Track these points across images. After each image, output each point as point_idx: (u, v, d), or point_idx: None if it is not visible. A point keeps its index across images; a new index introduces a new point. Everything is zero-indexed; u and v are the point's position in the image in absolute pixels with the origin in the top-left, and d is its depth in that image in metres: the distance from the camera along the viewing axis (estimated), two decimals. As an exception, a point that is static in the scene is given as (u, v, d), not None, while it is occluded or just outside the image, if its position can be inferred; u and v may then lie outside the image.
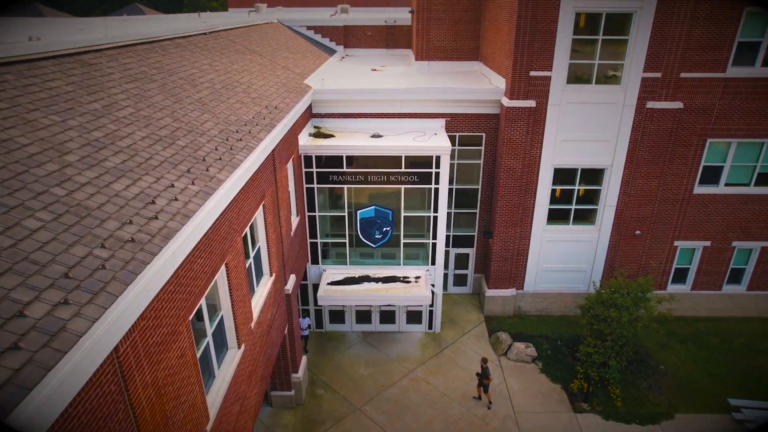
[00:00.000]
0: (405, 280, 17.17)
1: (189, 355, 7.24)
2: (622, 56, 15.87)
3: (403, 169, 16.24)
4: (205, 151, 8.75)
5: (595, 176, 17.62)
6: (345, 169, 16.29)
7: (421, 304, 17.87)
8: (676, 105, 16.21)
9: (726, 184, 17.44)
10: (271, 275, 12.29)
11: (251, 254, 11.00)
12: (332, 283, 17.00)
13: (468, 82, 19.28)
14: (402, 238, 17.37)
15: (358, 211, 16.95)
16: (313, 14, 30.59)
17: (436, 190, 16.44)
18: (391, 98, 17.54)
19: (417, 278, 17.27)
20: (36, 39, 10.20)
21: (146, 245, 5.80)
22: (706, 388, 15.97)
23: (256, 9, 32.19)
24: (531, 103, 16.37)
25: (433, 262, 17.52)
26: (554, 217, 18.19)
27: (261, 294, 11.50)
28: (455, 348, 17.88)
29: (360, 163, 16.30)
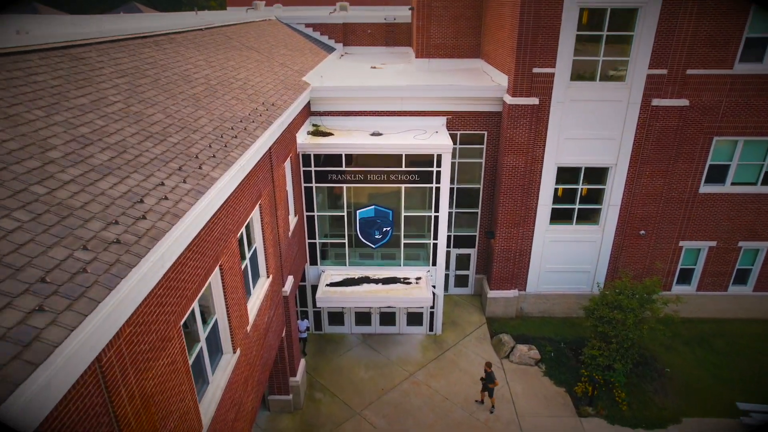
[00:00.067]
0: (405, 281, 16.83)
1: (180, 362, 6.90)
2: (627, 52, 15.54)
3: (403, 168, 15.89)
4: (198, 148, 8.41)
5: (598, 175, 17.28)
6: (344, 168, 15.95)
7: (421, 306, 17.53)
8: (682, 102, 15.88)
9: (732, 183, 17.11)
10: (268, 277, 11.94)
11: (247, 255, 10.65)
12: (331, 285, 16.65)
13: (469, 79, 18.94)
14: (402, 238, 17.03)
15: (358, 211, 16.60)
16: (312, 12, 30.23)
17: (437, 190, 16.10)
18: (391, 96, 17.20)
19: (417, 279, 16.93)
20: (24, 32, 9.85)
21: (132, 247, 5.45)
22: (713, 391, 15.65)
23: (254, 7, 31.81)
24: (534, 100, 16.03)
25: (434, 262, 17.18)
26: (557, 217, 17.85)
27: (257, 296, 11.15)
28: (457, 350, 17.55)
29: (359, 162, 15.95)
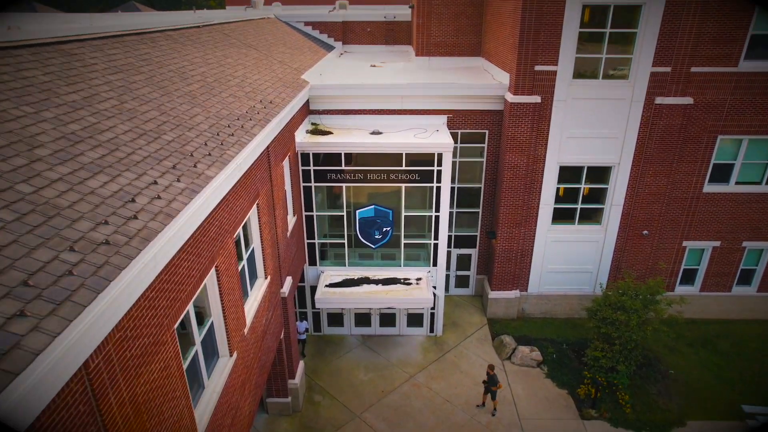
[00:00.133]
0: (405, 281, 16.61)
1: (174, 367, 6.68)
2: (630, 50, 15.33)
3: (403, 167, 15.67)
4: (194, 146, 8.18)
5: (601, 174, 17.07)
6: (343, 167, 15.73)
7: (422, 307, 17.31)
8: (686, 100, 15.67)
9: (737, 183, 16.90)
10: (266, 278, 11.72)
11: (244, 256, 10.43)
12: (330, 285, 16.43)
13: (470, 77, 18.73)
14: (402, 238, 16.81)
15: (357, 211, 16.38)
16: (312, 10, 30.00)
17: (438, 189, 15.88)
18: (391, 94, 16.98)
19: (418, 280, 16.71)
20: (16, 28, 9.62)
21: (123, 248, 5.23)
22: (718, 393, 15.43)
23: (253, 5, 31.59)
24: (536, 98, 15.82)
25: (434, 263, 16.96)
26: (559, 217, 17.64)
27: (255, 298, 10.93)
28: (457, 352, 17.33)
29: (359, 161, 15.73)
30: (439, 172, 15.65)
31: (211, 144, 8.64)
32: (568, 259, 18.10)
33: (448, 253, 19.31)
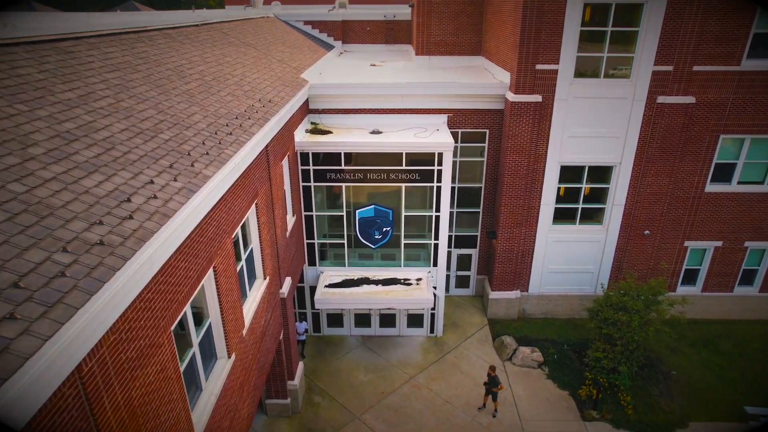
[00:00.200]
0: (406, 282, 16.50)
1: (171, 369, 6.57)
2: (632, 49, 15.22)
3: (403, 167, 15.56)
4: (191, 145, 8.07)
5: (602, 174, 16.96)
6: (343, 166, 15.61)
7: (422, 308, 17.19)
8: (688, 100, 15.56)
9: (739, 182, 16.80)
10: (264, 278, 11.61)
11: (243, 256, 10.32)
12: (330, 286, 16.32)
13: (470, 76, 18.62)
14: (402, 238, 16.70)
15: (357, 211, 16.27)
16: (311, 10, 29.89)
17: (438, 189, 15.77)
18: (391, 93, 16.86)
19: (418, 280, 16.60)
20: (12, 26, 9.51)
21: (117, 248, 5.12)
22: (720, 394, 15.33)
23: (253, 4, 31.47)
24: (537, 97, 15.71)
25: (434, 263, 16.85)
26: (560, 217, 17.53)
27: (254, 298, 10.82)
28: (458, 353, 17.22)
29: (359, 161, 15.62)
30: (439, 172, 15.54)
31: (209, 143, 8.53)
32: (569, 259, 17.99)
33: (449, 254, 19.19)
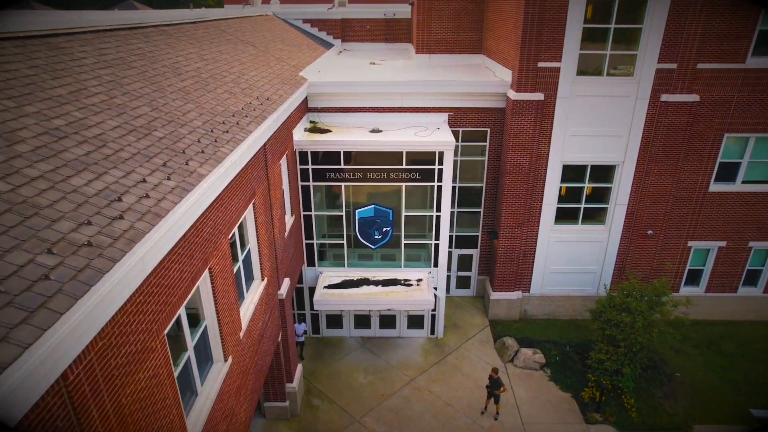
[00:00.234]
0: (406, 282, 16.28)
1: (164, 374, 6.35)
2: (636, 46, 15.01)
3: (403, 166, 15.34)
4: (186, 143, 7.85)
5: (605, 173, 16.75)
6: (343, 165, 15.39)
7: (422, 309, 16.97)
8: (692, 98, 15.35)
9: (743, 182, 16.60)
10: (262, 279, 11.39)
11: (240, 257, 10.10)
12: (329, 287, 16.10)
13: (471, 74, 18.41)
14: (403, 238, 16.48)
15: (357, 211, 16.05)
16: (311, 8, 29.66)
17: (439, 188, 15.55)
18: (391, 91, 16.64)
19: (419, 281, 16.38)
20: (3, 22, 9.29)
21: (106, 250, 4.90)
22: (725, 396, 15.13)
23: (251, 2, 31.23)
24: (539, 96, 15.50)
25: (435, 263, 16.63)
26: (562, 217, 17.32)
27: (251, 300, 10.60)
28: (459, 354, 17.00)
29: (358, 160, 15.40)
30: (440, 171, 15.32)
31: (204, 141, 8.31)
32: (571, 259, 17.78)
33: (449, 254, 18.96)
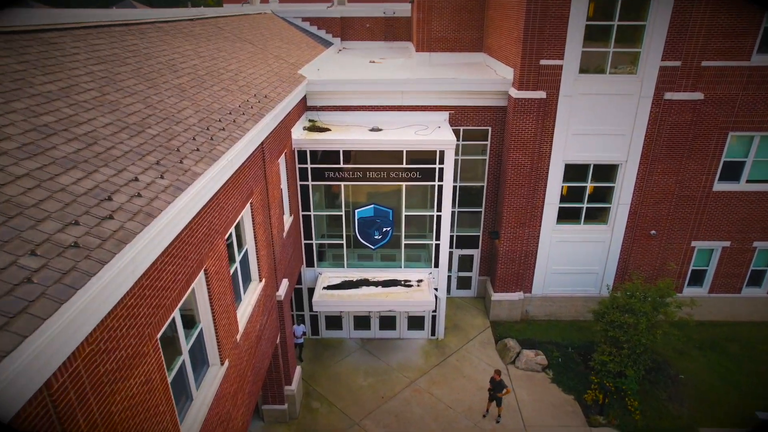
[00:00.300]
0: (406, 283, 16.07)
1: (157, 380, 6.14)
2: (639, 44, 14.81)
3: (404, 165, 15.13)
4: (181, 141, 7.64)
5: (608, 172, 16.54)
6: (342, 165, 15.18)
7: (423, 310, 16.75)
8: (697, 96, 15.15)
9: (747, 181, 16.38)
10: (260, 281, 11.17)
11: (237, 258, 9.89)
12: (328, 288, 15.89)
13: (472, 73, 18.20)
14: (403, 239, 16.26)
15: (356, 210, 15.84)
16: (310, 6, 29.45)
17: (440, 188, 15.33)
18: (391, 90, 16.43)
19: (419, 282, 16.17)
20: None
21: (94, 251, 4.68)
22: (729, 398, 14.92)
23: (251, 1, 31.01)
24: (541, 94, 15.29)
25: (436, 264, 16.42)
26: (564, 216, 17.11)
27: (249, 302, 10.39)
28: (460, 356, 16.79)
29: (358, 159, 15.18)
30: (440, 170, 15.11)
31: (200, 139, 8.09)
32: (574, 259, 17.57)
33: (450, 254, 18.74)
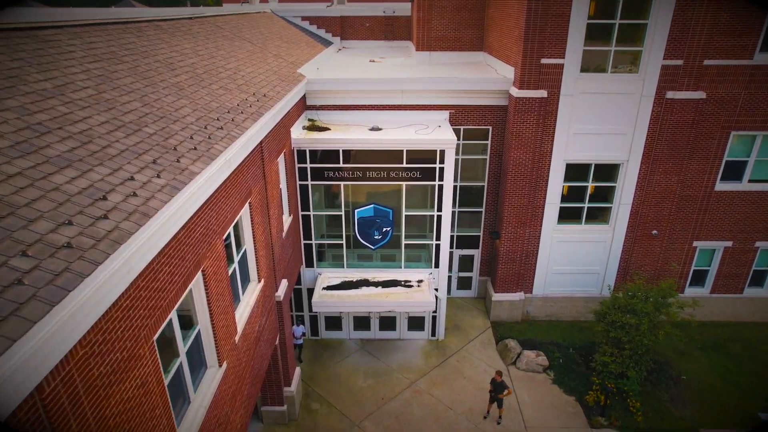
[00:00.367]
0: (406, 284, 15.96)
1: (153, 383, 6.02)
2: (641, 42, 14.70)
3: (404, 165, 15.02)
4: (178, 140, 7.52)
5: (609, 172, 16.44)
6: (342, 164, 15.07)
7: (423, 310, 16.64)
8: (699, 95, 15.04)
9: (750, 181, 16.29)
10: (259, 281, 11.06)
11: (236, 258, 9.78)
12: (328, 288, 15.78)
13: (473, 72, 18.08)
14: (403, 239, 16.15)
15: (356, 210, 15.72)
16: (309, 6, 29.33)
17: (440, 187, 15.22)
18: (391, 89, 16.32)
19: (419, 282, 16.06)
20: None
21: (88, 252, 4.57)
22: (731, 399, 14.82)
23: (250, 1, 30.90)
24: (542, 93, 15.18)
25: (436, 264, 16.31)
26: (565, 216, 17.01)
27: (247, 303, 10.27)
28: (460, 356, 16.68)
29: (358, 159, 15.07)
30: (441, 170, 15.00)
31: (197, 137, 7.98)
32: (575, 260, 17.47)
33: (450, 254, 18.63)
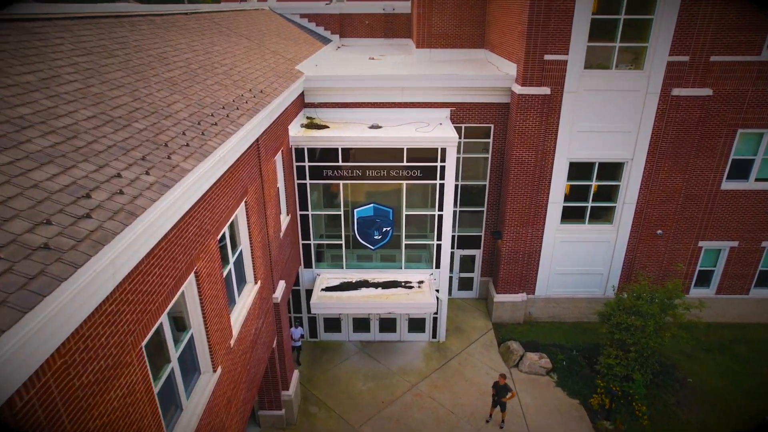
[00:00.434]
0: (407, 285, 15.65)
1: (141, 391, 5.71)
2: (646, 38, 14.40)
3: (404, 163, 14.70)
4: (169, 136, 7.21)
5: (613, 171, 16.14)
6: (341, 163, 14.75)
7: (424, 312, 16.34)
8: (705, 92, 14.75)
9: (757, 179, 16.01)
10: (255, 282, 10.75)
11: (231, 259, 9.47)
12: (327, 289, 15.47)
13: (474, 69, 17.77)
14: (403, 239, 15.84)
15: (356, 210, 15.41)
16: (308, 3, 29.03)
17: (441, 186, 14.91)
18: (391, 86, 16.02)
19: (420, 283, 15.75)
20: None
21: (67, 253, 4.26)
22: (739, 403, 14.52)
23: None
24: (545, 90, 14.88)
25: (437, 265, 16.00)
26: (569, 216, 16.71)
27: (243, 305, 9.96)
28: (462, 359, 16.37)
29: (357, 157, 14.75)
30: (442, 169, 14.69)
31: (190, 134, 7.66)
32: (578, 260, 17.17)
33: (451, 255, 18.33)
